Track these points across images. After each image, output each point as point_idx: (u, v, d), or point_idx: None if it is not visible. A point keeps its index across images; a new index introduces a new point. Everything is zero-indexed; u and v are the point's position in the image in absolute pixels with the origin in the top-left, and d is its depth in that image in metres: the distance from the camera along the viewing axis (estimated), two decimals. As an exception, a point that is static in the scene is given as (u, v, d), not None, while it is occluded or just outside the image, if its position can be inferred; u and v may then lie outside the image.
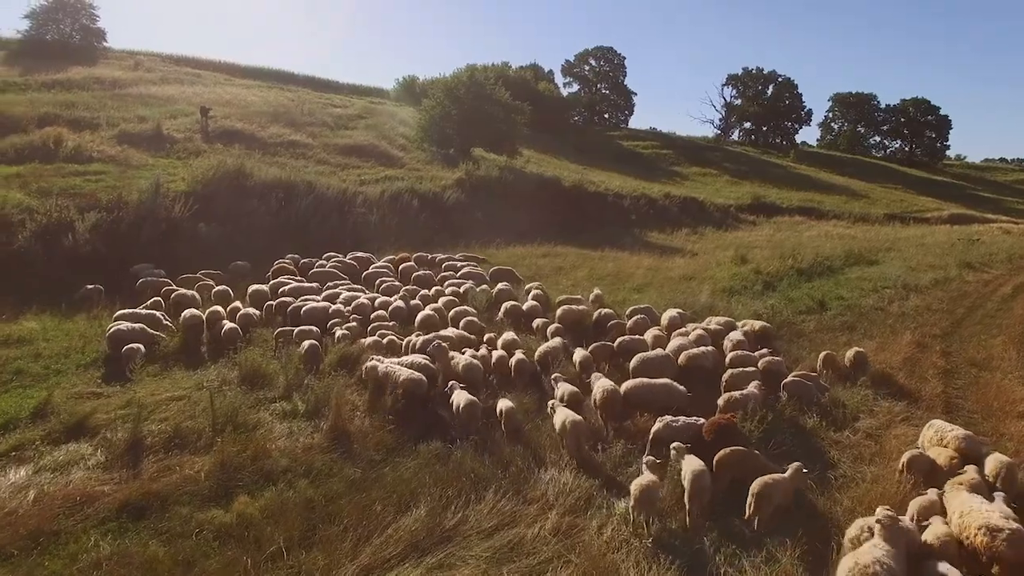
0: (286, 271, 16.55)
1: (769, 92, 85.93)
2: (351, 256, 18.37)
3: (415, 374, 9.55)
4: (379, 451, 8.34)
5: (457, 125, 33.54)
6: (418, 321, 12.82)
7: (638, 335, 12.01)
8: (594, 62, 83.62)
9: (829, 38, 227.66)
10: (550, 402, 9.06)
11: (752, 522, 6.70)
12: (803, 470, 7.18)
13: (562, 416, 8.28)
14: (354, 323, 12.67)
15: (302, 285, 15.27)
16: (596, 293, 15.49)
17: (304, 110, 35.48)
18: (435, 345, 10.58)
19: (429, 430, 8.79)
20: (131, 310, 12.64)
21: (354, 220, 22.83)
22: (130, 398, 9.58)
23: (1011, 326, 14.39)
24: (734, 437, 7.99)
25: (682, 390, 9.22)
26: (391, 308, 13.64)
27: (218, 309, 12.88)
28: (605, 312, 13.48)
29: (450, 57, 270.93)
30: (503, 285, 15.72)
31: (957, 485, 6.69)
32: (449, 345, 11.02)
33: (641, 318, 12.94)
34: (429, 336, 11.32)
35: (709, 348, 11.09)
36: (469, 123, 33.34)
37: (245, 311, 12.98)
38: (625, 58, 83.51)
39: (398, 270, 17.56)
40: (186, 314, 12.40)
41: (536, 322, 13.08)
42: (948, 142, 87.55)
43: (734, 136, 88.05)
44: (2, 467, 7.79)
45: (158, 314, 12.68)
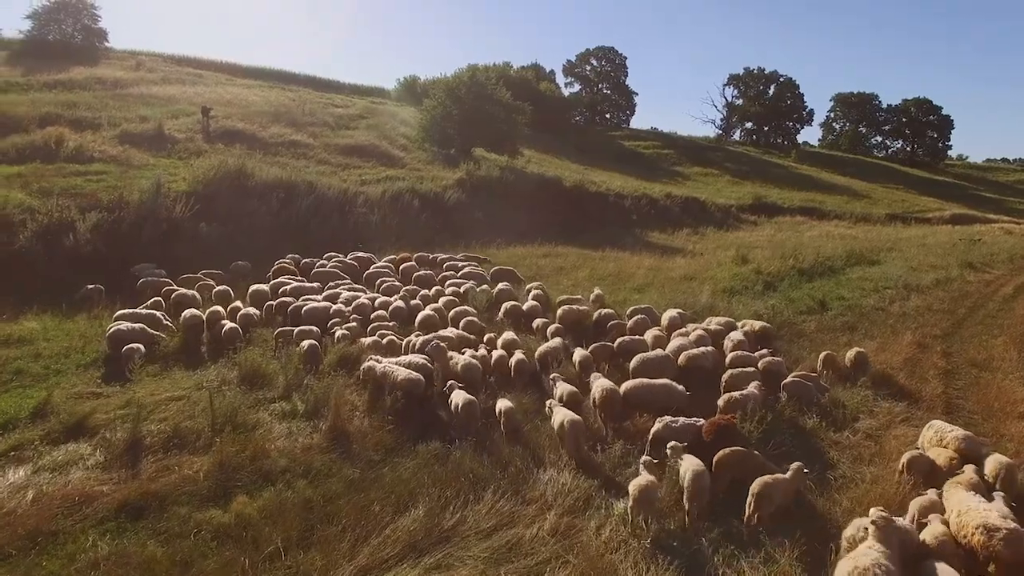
0: (287, 271, 16.55)
1: (771, 92, 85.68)
2: (352, 256, 18.38)
3: (412, 374, 9.55)
4: (378, 451, 8.34)
5: (458, 125, 33.50)
6: (418, 321, 12.82)
7: (638, 335, 11.99)
8: (595, 62, 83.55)
9: (830, 38, 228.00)
10: (548, 402, 9.07)
11: (751, 523, 6.68)
12: (804, 470, 7.17)
13: (560, 416, 8.27)
14: (354, 323, 12.67)
15: (303, 285, 15.28)
16: (597, 293, 15.47)
17: (305, 110, 35.49)
18: (433, 345, 10.57)
19: (428, 430, 8.79)
20: (131, 310, 12.65)
21: (355, 220, 22.83)
22: (129, 398, 9.58)
23: (1012, 326, 14.33)
24: (733, 437, 7.98)
25: (681, 390, 9.20)
26: (391, 308, 13.64)
27: (218, 309, 12.89)
28: (605, 312, 13.46)
29: (452, 57, 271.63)
30: (503, 285, 15.71)
31: (955, 485, 6.68)
32: (449, 345, 11.03)
33: (641, 318, 12.92)
34: (429, 336, 11.31)
35: (709, 348, 11.07)
36: (470, 123, 33.30)
37: (245, 311, 12.98)
38: (626, 58, 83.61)
39: (399, 270, 17.58)
40: (186, 314, 12.41)
41: (536, 322, 13.06)
42: (950, 142, 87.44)
43: (735, 136, 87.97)
44: (1, 467, 7.79)
45: (158, 314, 12.69)
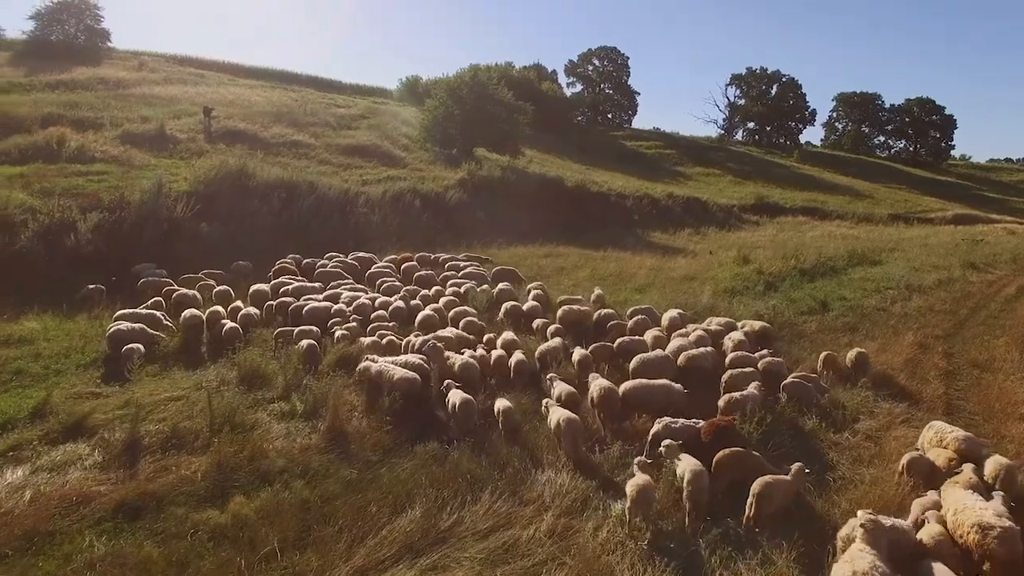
0: (287, 271, 16.56)
1: (773, 92, 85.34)
2: (352, 256, 18.38)
3: (409, 373, 9.54)
4: (376, 452, 8.33)
5: (460, 125, 33.47)
6: (418, 321, 12.81)
7: (638, 336, 11.97)
8: (598, 62, 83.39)
9: (831, 38, 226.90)
10: (544, 401, 9.05)
11: (750, 524, 6.65)
12: (804, 471, 7.14)
13: (557, 415, 8.26)
14: (354, 323, 12.66)
15: (304, 285, 15.28)
16: (597, 293, 15.45)
17: (307, 110, 35.49)
18: (429, 345, 10.57)
19: (426, 431, 8.78)
20: (131, 310, 12.66)
21: (356, 220, 22.84)
22: (128, 398, 9.59)
23: (1014, 327, 14.26)
24: (733, 438, 7.95)
25: (681, 390, 9.17)
26: (391, 308, 13.63)
27: (218, 309, 12.90)
28: (605, 312, 13.43)
29: (453, 57, 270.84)
30: (504, 285, 15.68)
31: (953, 484, 6.65)
32: (448, 345, 11.01)
33: (641, 319, 12.89)
34: (428, 336, 11.31)
35: (708, 349, 11.04)
36: (472, 123, 33.26)
37: (246, 311, 12.99)
38: (629, 58, 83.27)
39: (400, 270, 17.57)
40: (186, 314, 12.42)
41: (536, 322, 13.03)
42: (953, 142, 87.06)
43: (738, 136, 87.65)
44: None
45: (158, 314, 12.70)
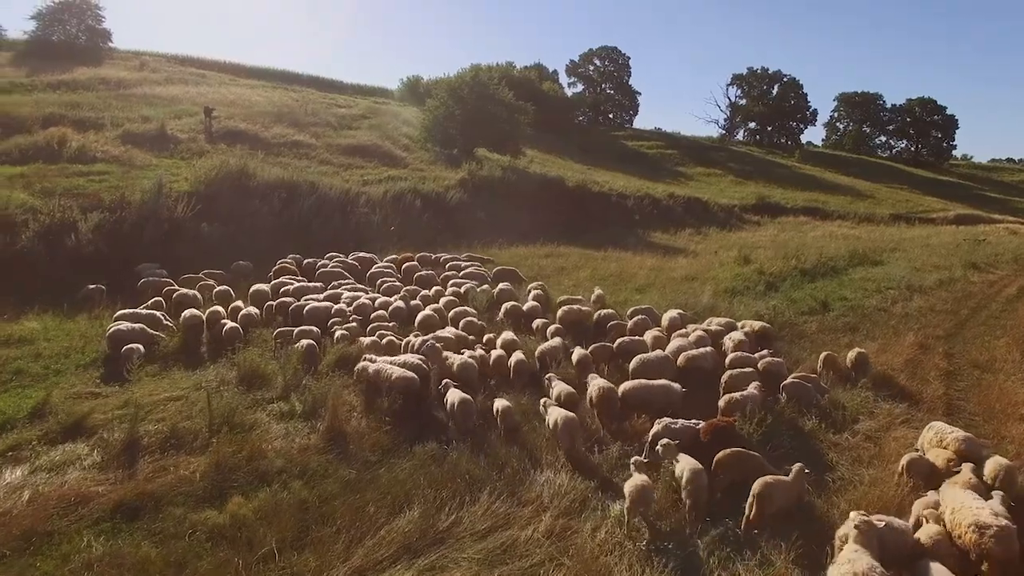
0: (288, 271, 16.56)
1: (774, 92, 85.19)
2: (353, 256, 18.38)
3: (407, 373, 9.53)
4: (375, 452, 8.32)
5: (461, 125, 33.46)
6: (418, 321, 12.81)
7: (638, 336, 11.95)
8: (599, 62, 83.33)
9: (832, 38, 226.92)
10: (542, 400, 9.04)
11: (749, 524, 6.62)
12: (805, 471, 7.12)
13: (555, 414, 8.26)
14: (354, 323, 12.66)
15: (304, 285, 15.28)
16: (598, 293, 15.43)
17: (308, 110, 35.51)
18: (428, 345, 10.56)
19: (425, 431, 8.77)
20: (132, 310, 12.66)
21: (356, 220, 22.84)
22: (128, 398, 9.59)
23: (1015, 327, 14.21)
24: (732, 439, 7.94)
25: (680, 390, 9.16)
26: (391, 308, 13.63)
27: (218, 309, 12.90)
28: (606, 313, 13.42)
29: (454, 57, 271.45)
30: (504, 285, 15.67)
31: (952, 484, 6.64)
32: (447, 345, 11.01)
33: (642, 319, 12.87)
34: (427, 336, 11.30)
35: (708, 349, 11.02)
36: (473, 123, 33.25)
37: (246, 311, 12.99)
38: (630, 58, 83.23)
39: (401, 270, 17.57)
40: (186, 314, 12.43)
41: (536, 322, 13.02)
42: (954, 142, 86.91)
43: (739, 136, 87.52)
44: (-2, 467, 7.80)
45: (158, 314, 12.71)
